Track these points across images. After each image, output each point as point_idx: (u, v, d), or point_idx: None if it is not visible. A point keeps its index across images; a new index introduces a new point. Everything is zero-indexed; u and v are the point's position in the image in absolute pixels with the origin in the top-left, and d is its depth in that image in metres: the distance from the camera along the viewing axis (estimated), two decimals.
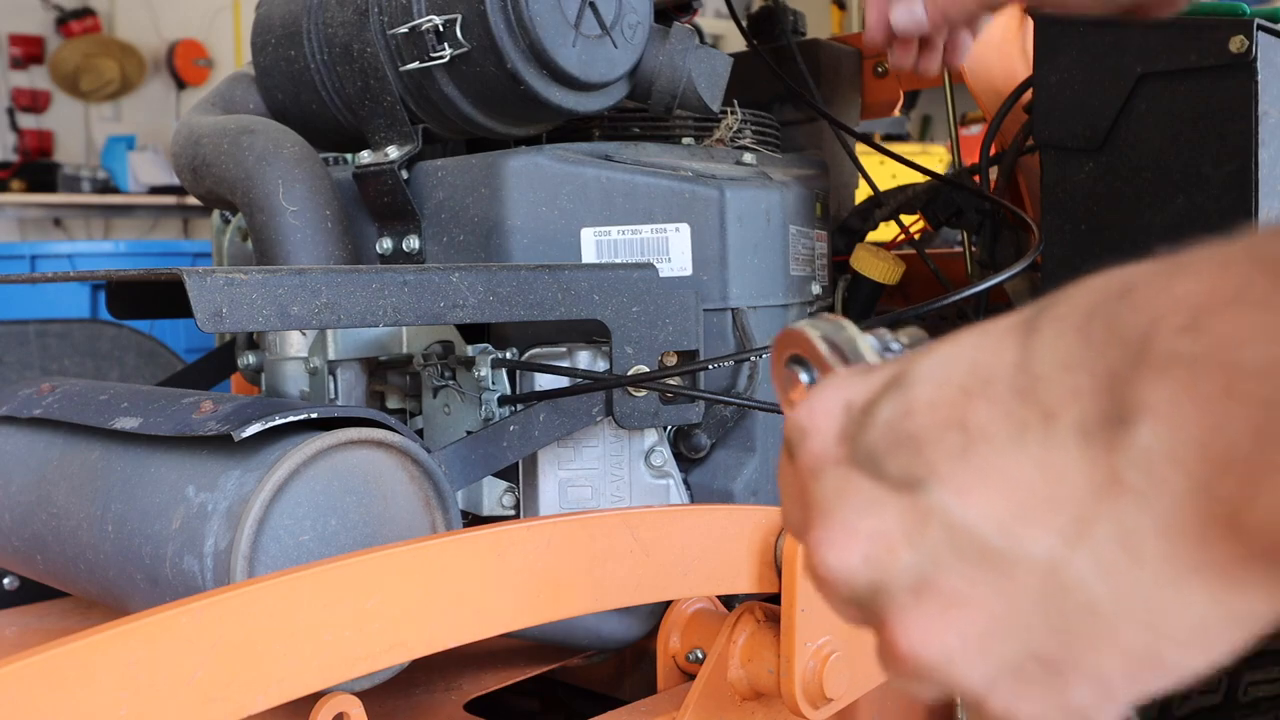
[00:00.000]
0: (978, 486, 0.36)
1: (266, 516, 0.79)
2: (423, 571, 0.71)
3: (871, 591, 0.39)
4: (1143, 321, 0.33)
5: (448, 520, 0.90)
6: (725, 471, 1.15)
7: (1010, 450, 0.35)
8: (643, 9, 1.17)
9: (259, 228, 1.12)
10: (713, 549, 0.87)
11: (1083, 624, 0.34)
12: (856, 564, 0.39)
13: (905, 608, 0.37)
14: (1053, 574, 0.35)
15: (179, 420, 0.85)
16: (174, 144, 1.25)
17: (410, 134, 1.17)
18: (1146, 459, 0.33)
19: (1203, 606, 0.33)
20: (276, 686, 0.63)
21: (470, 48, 1.10)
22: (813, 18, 1.87)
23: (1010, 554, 0.35)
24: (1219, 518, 0.32)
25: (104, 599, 0.93)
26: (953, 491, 0.36)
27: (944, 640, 0.36)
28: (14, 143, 6.45)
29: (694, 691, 0.90)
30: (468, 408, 1.08)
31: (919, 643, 0.37)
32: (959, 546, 0.36)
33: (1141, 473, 0.33)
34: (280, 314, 0.83)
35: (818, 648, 0.89)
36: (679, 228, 1.15)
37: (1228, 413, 0.31)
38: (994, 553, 0.35)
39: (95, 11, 6.53)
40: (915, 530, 0.37)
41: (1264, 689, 1.14)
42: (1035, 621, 0.35)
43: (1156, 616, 0.33)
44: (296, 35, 1.22)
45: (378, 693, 0.90)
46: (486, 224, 1.14)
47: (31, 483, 0.97)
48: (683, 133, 1.30)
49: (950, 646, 0.36)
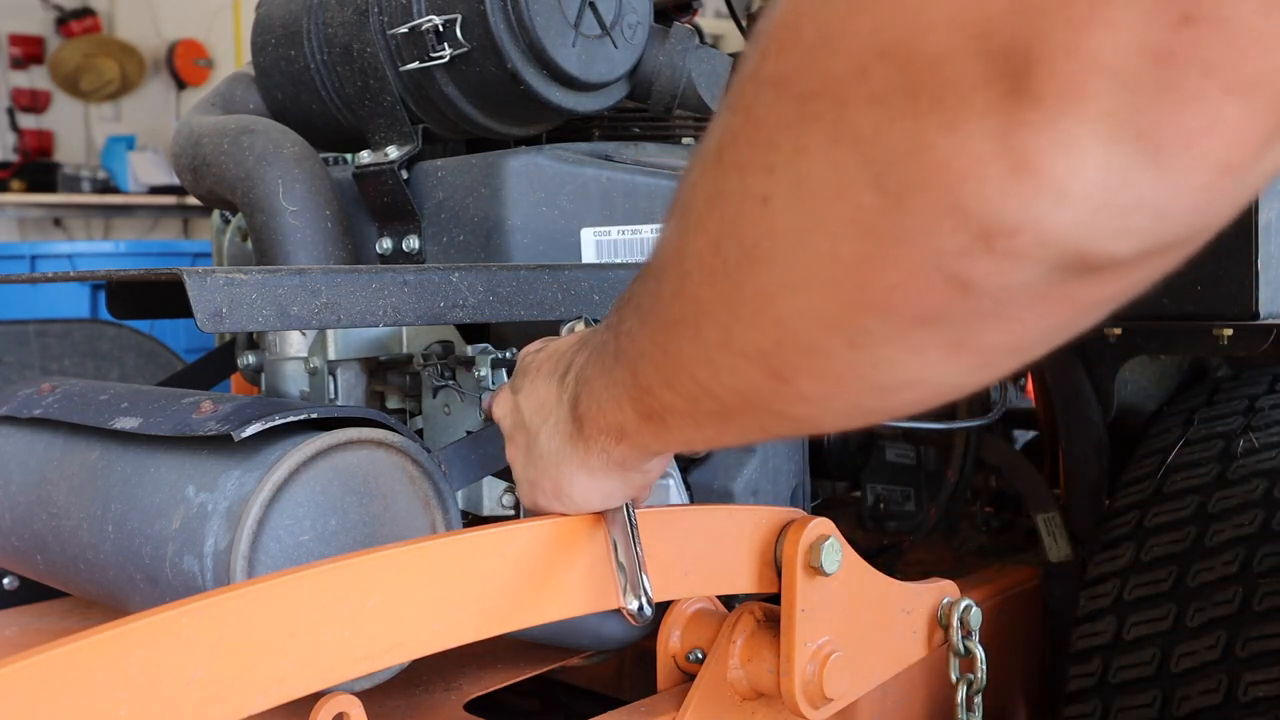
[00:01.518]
0: (528, 396, 0.76)
1: (266, 516, 0.79)
2: (423, 571, 0.71)
3: (506, 430, 0.80)
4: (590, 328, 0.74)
5: (448, 520, 0.90)
6: (725, 471, 1.15)
7: (541, 383, 0.75)
8: (643, 9, 1.17)
9: (259, 228, 1.12)
10: (713, 549, 0.87)
11: (535, 456, 0.76)
12: (500, 417, 0.81)
13: (507, 439, 0.80)
14: (535, 436, 0.75)
15: (179, 420, 0.85)
16: (174, 144, 1.25)
17: (410, 134, 1.17)
18: (566, 390, 0.72)
19: (580, 466, 0.73)
20: (276, 686, 0.63)
21: (470, 48, 1.10)
22: None
23: (530, 426, 0.76)
24: (574, 411, 0.71)
25: (104, 599, 0.93)
26: (522, 396, 0.77)
27: (510, 453, 0.80)
28: (14, 143, 6.45)
29: (694, 691, 0.90)
30: (468, 408, 1.08)
31: (510, 457, 0.80)
32: (518, 421, 0.78)
33: (565, 395, 0.72)
34: (280, 314, 0.83)
35: (818, 648, 0.89)
36: None
37: (596, 367, 0.68)
38: (525, 424, 0.76)
39: (95, 11, 6.53)
40: (512, 410, 0.79)
41: (1264, 689, 1.14)
42: (526, 453, 0.77)
43: (552, 462, 0.74)
44: (296, 35, 1.22)
45: (378, 693, 0.90)
46: (486, 224, 1.14)
47: (31, 483, 0.97)
48: (683, 133, 1.30)
49: (511, 456, 0.80)
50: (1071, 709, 1.28)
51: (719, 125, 0.49)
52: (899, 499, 1.58)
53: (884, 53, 0.38)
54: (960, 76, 0.37)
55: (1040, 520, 1.46)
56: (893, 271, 0.42)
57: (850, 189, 0.41)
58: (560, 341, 0.79)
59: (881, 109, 0.39)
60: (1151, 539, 1.30)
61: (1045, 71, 0.35)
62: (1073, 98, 0.35)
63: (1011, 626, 1.42)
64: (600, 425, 0.69)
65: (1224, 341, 1.27)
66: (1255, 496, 1.26)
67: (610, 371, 0.66)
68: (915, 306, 0.42)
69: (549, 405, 0.75)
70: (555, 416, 0.74)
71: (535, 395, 0.76)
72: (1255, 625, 1.18)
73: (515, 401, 0.79)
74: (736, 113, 0.46)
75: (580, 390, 0.70)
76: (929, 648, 1.01)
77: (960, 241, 0.39)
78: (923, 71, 0.37)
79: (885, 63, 0.38)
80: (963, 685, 1.02)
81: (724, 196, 0.48)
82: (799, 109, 0.42)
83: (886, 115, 0.39)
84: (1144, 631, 1.25)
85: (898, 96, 0.38)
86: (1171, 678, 1.21)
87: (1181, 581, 1.25)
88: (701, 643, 0.95)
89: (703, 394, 0.56)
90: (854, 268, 0.43)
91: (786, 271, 0.45)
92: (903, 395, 0.49)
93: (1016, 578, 1.45)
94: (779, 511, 0.92)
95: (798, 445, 1.19)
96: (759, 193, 0.45)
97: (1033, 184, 0.37)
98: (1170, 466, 1.36)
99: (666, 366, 0.58)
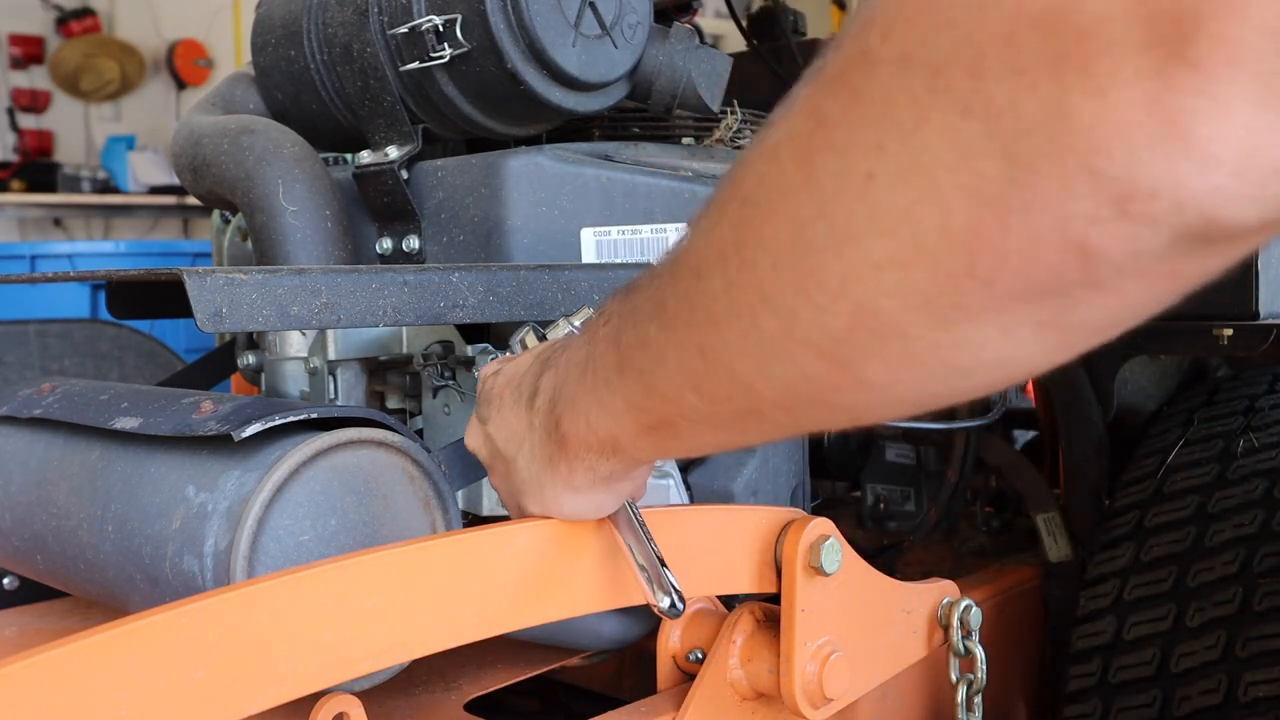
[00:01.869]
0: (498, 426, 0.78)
1: (266, 516, 0.79)
2: (423, 571, 0.71)
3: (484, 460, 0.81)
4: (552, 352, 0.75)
5: (447, 520, 0.90)
6: (725, 471, 1.15)
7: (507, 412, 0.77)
8: (643, 9, 1.17)
9: (259, 228, 1.12)
10: (713, 549, 0.87)
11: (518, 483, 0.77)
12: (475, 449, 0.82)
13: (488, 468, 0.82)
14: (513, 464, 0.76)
15: (179, 420, 0.85)
16: (174, 144, 1.25)
17: (410, 134, 1.17)
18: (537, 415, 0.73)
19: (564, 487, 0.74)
20: (276, 686, 0.63)
21: (470, 48, 1.10)
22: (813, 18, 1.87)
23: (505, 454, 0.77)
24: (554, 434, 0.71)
25: (104, 599, 0.93)
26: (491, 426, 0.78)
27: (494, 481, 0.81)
28: (14, 143, 6.45)
29: (694, 691, 0.90)
30: (468, 408, 1.08)
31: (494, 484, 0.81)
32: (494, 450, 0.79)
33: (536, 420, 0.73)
34: (280, 314, 0.83)
35: (818, 648, 0.89)
36: (679, 228, 1.15)
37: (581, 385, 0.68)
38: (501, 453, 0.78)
39: (95, 11, 6.53)
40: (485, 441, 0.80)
41: (1264, 689, 1.14)
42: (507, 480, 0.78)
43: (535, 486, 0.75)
44: (296, 35, 1.22)
45: (378, 693, 0.90)
46: (486, 224, 1.14)
47: (31, 483, 0.97)
48: (683, 133, 1.30)
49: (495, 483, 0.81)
50: (1071, 709, 1.28)
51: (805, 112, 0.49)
52: (899, 499, 1.58)
53: (1037, 20, 0.39)
54: (1117, 41, 0.37)
55: (1040, 520, 1.46)
56: (1011, 240, 0.42)
57: (973, 160, 0.41)
58: (516, 363, 0.79)
59: (1019, 78, 0.39)
60: (1151, 539, 1.30)
61: (1206, 34, 0.36)
62: (1231, 60, 0.36)
63: (1011, 626, 1.42)
64: (589, 443, 0.69)
65: (1224, 341, 1.27)
66: (1255, 496, 1.26)
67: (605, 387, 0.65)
68: (1025, 278, 0.43)
69: (520, 433, 0.75)
70: (529, 442, 0.74)
71: (505, 425, 0.77)
72: (1255, 625, 1.18)
73: (486, 432, 0.79)
74: (837, 94, 0.46)
75: (562, 412, 0.70)
76: (929, 648, 1.02)
77: (1092, 207, 0.40)
78: (1075, 38, 0.38)
79: (1036, 30, 0.39)
80: (963, 685, 1.02)
81: (815, 179, 0.47)
82: (927, 83, 0.42)
83: (1024, 84, 0.39)
84: (1144, 631, 1.25)
85: (1040, 65, 0.39)
86: (1171, 678, 1.21)
87: (1181, 581, 1.25)
88: (701, 643, 0.95)
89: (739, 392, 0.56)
90: (965, 240, 0.43)
91: (882, 249, 0.45)
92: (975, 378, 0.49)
93: (1016, 578, 1.45)
94: (779, 511, 0.92)
95: (798, 445, 1.19)
96: (863, 170, 0.45)
97: (1179, 147, 0.38)
98: (1170, 466, 1.36)
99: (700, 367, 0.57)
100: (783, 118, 0.51)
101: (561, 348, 0.73)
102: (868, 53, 0.45)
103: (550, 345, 0.77)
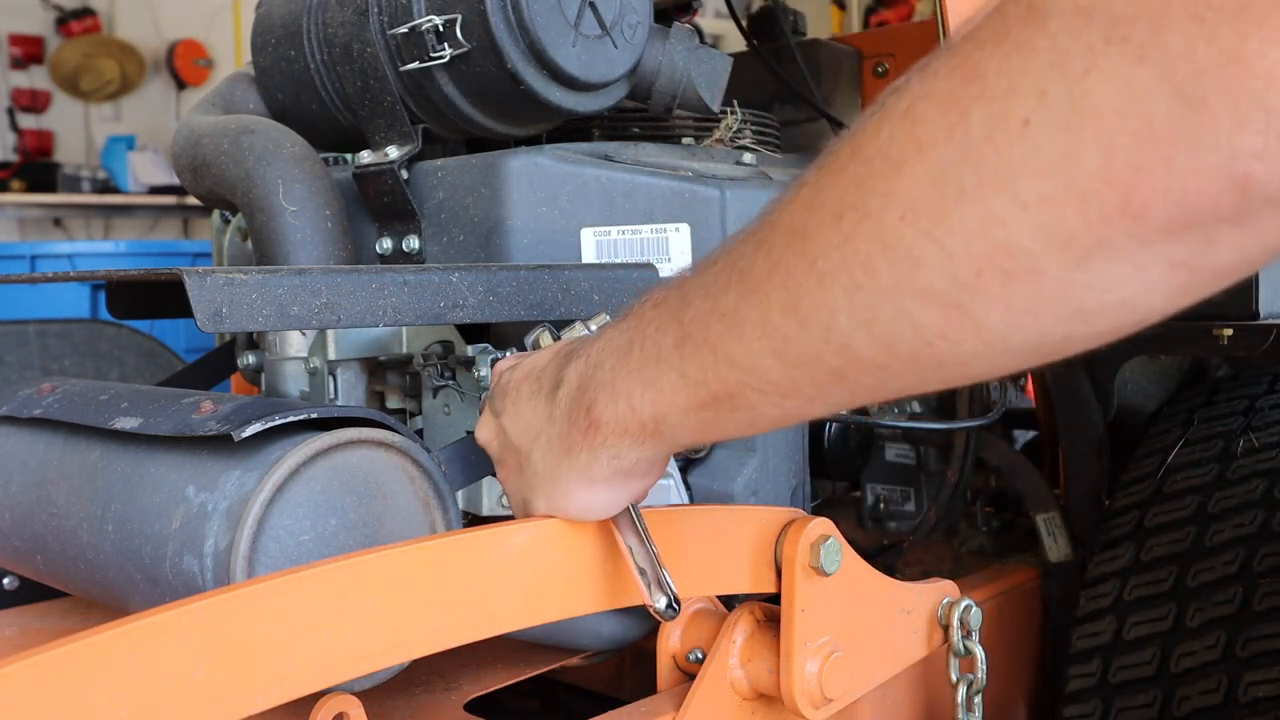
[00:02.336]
0: (513, 418, 0.78)
1: (266, 516, 0.79)
2: (423, 571, 0.71)
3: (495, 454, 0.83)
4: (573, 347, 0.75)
5: (447, 520, 0.90)
6: (725, 471, 1.15)
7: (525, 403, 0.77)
8: (643, 9, 1.17)
9: (259, 228, 1.12)
10: (713, 549, 0.87)
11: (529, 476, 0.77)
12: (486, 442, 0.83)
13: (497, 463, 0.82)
14: (527, 456, 0.77)
15: (179, 420, 0.85)
16: (174, 144, 1.25)
17: (410, 134, 1.17)
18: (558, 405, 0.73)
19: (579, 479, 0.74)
20: (276, 686, 0.63)
21: (470, 48, 1.10)
22: (813, 18, 1.87)
23: (519, 447, 0.77)
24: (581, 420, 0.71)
25: (104, 599, 0.93)
26: (506, 419, 0.79)
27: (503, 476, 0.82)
28: (14, 143, 6.45)
29: (694, 691, 0.90)
30: (468, 408, 1.08)
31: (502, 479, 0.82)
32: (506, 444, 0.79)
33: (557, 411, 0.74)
34: (280, 314, 0.83)
35: (818, 648, 0.89)
36: (679, 228, 1.15)
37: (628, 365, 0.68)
38: (514, 446, 0.78)
39: (95, 11, 6.53)
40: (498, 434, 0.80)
41: (1264, 689, 1.14)
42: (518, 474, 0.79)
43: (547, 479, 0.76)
44: (296, 35, 1.22)
45: (378, 693, 0.90)
46: (486, 224, 1.14)
47: (31, 483, 0.97)
48: (683, 133, 1.30)
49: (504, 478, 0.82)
50: (1071, 709, 1.28)
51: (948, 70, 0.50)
52: (899, 499, 1.58)
53: None
54: None
55: (1040, 520, 1.46)
56: (1174, 175, 0.44)
57: (1143, 102, 0.44)
58: (535, 358, 0.79)
59: (1200, 26, 0.42)
60: (1151, 539, 1.30)
61: None
62: None
63: (1011, 626, 1.42)
64: (626, 425, 0.69)
65: (1224, 341, 1.27)
66: (1255, 496, 1.26)
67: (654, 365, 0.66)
68: (1182, 209, 0.45)
69: (537, 425, 0.75)
70: (545, 434, 0.75)
71: (521, 416, 0.77)
72: (1255, 625, 1.18)
73: (499, 424, 0.79)
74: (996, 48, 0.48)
75: (595, 395, 0.70)
76: (929, 648, 1.02)
77: (1261, 143, 0.42)
78: None
79: None
80: (963, 685, 1.02)
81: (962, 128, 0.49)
82: (1104, 33, 0.44)
83: (1204, 32, 0.42)
84: (1144, 631, 1.25)
85: (1222, 15, 0.41)
86: (1171, 678, 1.21)
87: (1181, 581, 1.25)
88: (701, 643, 0.95)
89: (830, 352, 0.56)
90: (1125, 176, 0.45)
91: (1032, 189, 0.47)
92: (1095, 323, 0.50)
93: (1016, 578, 1.45)
94: (779, 511, 0.92)
95: (798, 445, 1.19)
96: (1019, 117, 0.47)
97: None
98: (1170, 466, 1.36)
99: (790, 329, 0.57)
100: (914, 83, 0.52)
101: (589, 340, 0.73)
102: (1036, 8, 0.47)
103: (570, 341, 0.78)
